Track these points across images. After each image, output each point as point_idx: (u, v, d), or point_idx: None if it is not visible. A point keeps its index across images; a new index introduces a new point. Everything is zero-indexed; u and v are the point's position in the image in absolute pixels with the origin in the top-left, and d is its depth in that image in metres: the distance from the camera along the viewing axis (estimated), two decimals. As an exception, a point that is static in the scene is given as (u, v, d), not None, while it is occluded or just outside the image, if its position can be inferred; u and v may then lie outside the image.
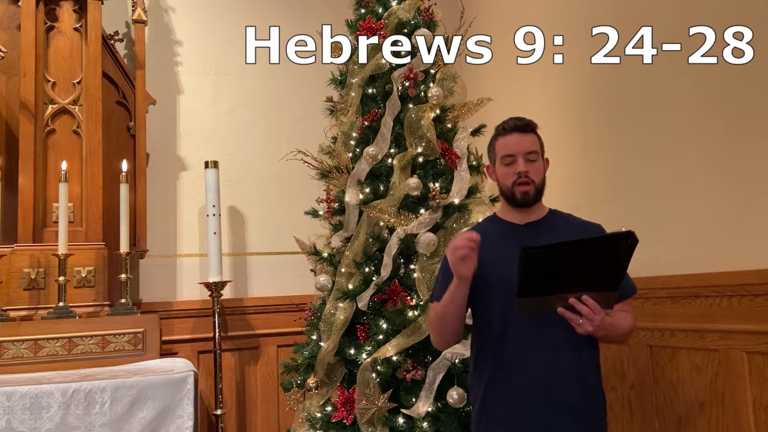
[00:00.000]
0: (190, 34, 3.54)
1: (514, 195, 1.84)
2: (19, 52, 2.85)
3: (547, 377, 1.71)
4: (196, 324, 3.28)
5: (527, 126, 1.86)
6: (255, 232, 3.57)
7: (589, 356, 1.79)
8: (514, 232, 1.87)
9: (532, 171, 1.83)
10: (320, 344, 2.54)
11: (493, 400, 1.79)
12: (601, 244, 1.56)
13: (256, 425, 3.36)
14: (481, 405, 1.83)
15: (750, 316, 2.04)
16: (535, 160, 1.84)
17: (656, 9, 2.47)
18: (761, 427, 2.02)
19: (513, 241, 1.83)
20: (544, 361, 1.72)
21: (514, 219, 1.90)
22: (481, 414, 1.82)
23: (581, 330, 1.64)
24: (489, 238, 1.88)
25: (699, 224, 2.28)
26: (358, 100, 2.67)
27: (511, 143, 1.84)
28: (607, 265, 1.57)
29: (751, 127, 2.11)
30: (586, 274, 1.57)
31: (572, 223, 1.92)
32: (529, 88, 3.24)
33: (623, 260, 1.57)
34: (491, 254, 1.79)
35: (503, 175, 1.87)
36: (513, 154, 1.83)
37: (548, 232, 1.84)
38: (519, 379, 1.73)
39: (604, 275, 1.58)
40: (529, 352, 1.73)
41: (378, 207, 2.50)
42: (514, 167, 1.83)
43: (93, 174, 2.88)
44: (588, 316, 1.62)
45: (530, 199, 1.84)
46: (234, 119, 3.59)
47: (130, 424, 2.29)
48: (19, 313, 2.65)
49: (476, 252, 1.68)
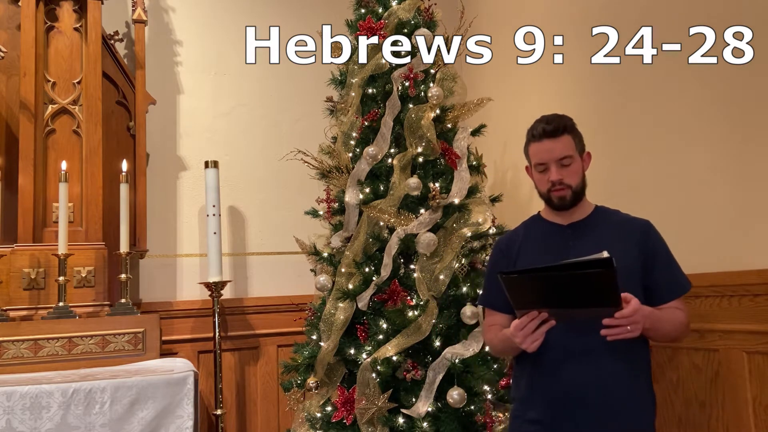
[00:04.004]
0: (190, 34, 3.54)
1: (551, 200, 1.84)
2: (19, 52, 2.85)
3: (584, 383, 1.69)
4: (196, 324, 3.28)
5: (557, 130, 1.81)
6: (255, 232, 3.57)
7: (632, 359, 1.74)
8: (557, 233, 1.86)
9: (566, 176, 1.80)
10: (320, 344, 2.54)
11: (531, 400, 1.80)
12: (575, 272, 1.50)
13: (256, 425, 3.36)
14: (520, 401, 1.85)
15: (750, 316, 2.04)
16: (569, 164, 1.80)
17: (656, 9, 2.47)
18: (761, 427, 2.02)
19: (556, 243, 1.83)
20: (582, 367, 1.70)
21: (557, 219, 1.88)
22: (520, 410, 1.85)
23: (633, 335, 1.60)
24: (532, 240, 1.89)
25: (699, 224, 2.28)
26: (358, 100, 2.67)
27: (542, 151, 1.81)
28: (590, 289, 1.52)
29: (751, 127, 2.11)
30: (572, 294, 1.54)
31: (617, 221, 1.87)
32: (529, 88, 3.24)
33: (608, 284, 1.51)
34: (534, 256, 1.80)
35: (539, 181, 1.86)
36: (545, 162, 1.81)
37: (591, 232, 1.82)
38: (555, 383, 1.73)
39: (592, 296, 1.54)
40: (566, 356, 1.71)
41: (378, 207, 2.50)
42: (547, 175, 1.81)
43: (93, 174, 2.88)
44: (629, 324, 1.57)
45: (567, 203, 1.83)
46: (234, 119, 3.59)
47: (130, 424, 2.29)
48: (19, 313, 2.65)
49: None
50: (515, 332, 1.65)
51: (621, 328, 1.57)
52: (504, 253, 1.94)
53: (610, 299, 1.54)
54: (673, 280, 1.80)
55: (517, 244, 1.92)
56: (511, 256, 1.90)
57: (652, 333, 1.70)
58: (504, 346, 1.84)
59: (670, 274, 1.80)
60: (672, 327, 1.74)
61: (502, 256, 1.93)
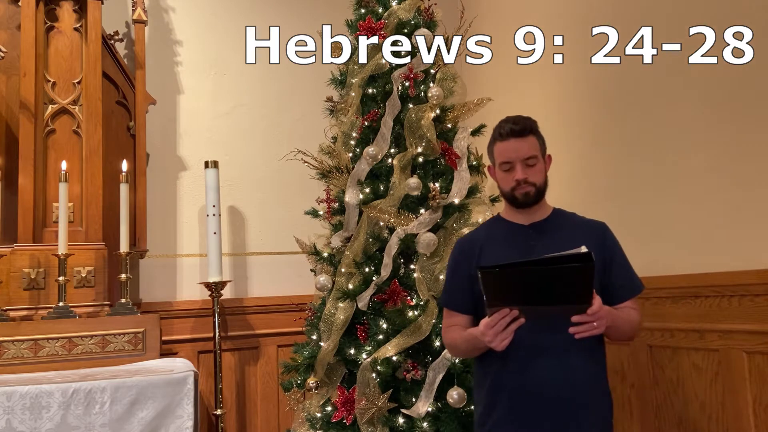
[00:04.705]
0: (190, 34, 3.54)
1: (515, 197, 1.84)
2: (19, 52, 2.85)
3: (554, 380, 1.70)
4: (196, 324, 3.28)
5: (524, 130, 1.82)
6: (255, 232, 3.57)
7: (597, 357, 1.79)
8: (520, 232, 1.87)
9: (531, 175, 1.82)
10: (320, 344, 2.54)
11: (498, 403, 1.78)
12: (556, 265, 1.51)
13: (256, 425, 3.36)
14: (485, 405, 1.82)
15: (750, 316, 2.04)
16: (534, 164, 1.82)
17: (656, 9, 2.47)
18: (761, 427, 2.02)
19: (519, 242, 1.84)
20: (551, 364, 1.71)
21: (519, 219, 1.89)
22: (485, 416, 1.82)
23: (598, 332, 1.63)
24: (495, 239, 1.88)
25: (699, 224, 2.28)
26: (358, 100, 2.67)
27: (509, 150, 1.82)
28: (568, 284, 1.53)
29: (751, 127, 2.11)
30: (549, 290, 1.55)
31: (576, 222, 1.91)
32: (529, 88, 3.24)
33: (584, 280, 1.52)
34: (497, 255, 1.79)
35: (503, 180, 1.86)
36: (511, 161, 1.82)
37: (553, 232, 1.84)
38: (524, 380, 1.73)
39: (567, 292, 1.55)
40: (536, 353, 1.72)
41: (378, 207, 2.50)
42: (512, 174, 1.82)
43: (93, 174, 2.88)
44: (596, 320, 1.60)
45: (531, 200, 1.84)
46: (234, 119, 3.59)
47: (130, 424, 2.29)
48: (19, 313, 2.65)
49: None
50: (485, 330, 1.63)
51: (588, 324, 1.60)
52: (466, 253, 1.91)
53: (584, 295, 1.55)
54: (629, 280, 1.85)
55: (479, 244, 1.90)
56: (473, 256, 1.88)
57: (610, 331, 1.72)
58: (468, 347, 1.82)
59: (626, 274, 1.85)
60: (629, 326, 1.80)
61: (465, 257, 1.91)
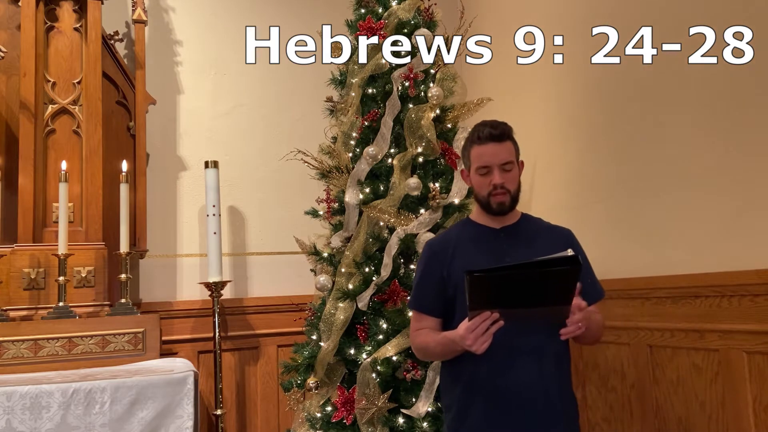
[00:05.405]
0: (190, 34, 3.54)
1: (490, 204, 1.84)
2: (19, 52, 2.85)
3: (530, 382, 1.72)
4: (196, 324, 3.28)
5: (503, 134, 1.83)
6: (255, 232, 3.57)
7: (565, 360, 1.83)
8: (491, 236, 1.87)
9: (507, 181, 1.82)
10: (320, 344, 2.54)
11: (472, 405, 1.77)
12: (545, 269, 1.51)
13: (256, 425, 3.37)
14: (458, 410, 1.81)
15: (750, 316, 2.04)
16: (510, 170, 1.83)
17: (656, 9, 2.47)
18: (761, 427, 2.02)
19: (491, 246, 1.85)
20: (526, 366, 1.72)
21: (490, 223, 1.90)
22: (458, 421, 1.81)
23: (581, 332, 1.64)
24: (467, 242, 1.89)
25: (699, 224, 2.28)
26: (358, 100, 2.67)
27: (487, 154, 1.82)
28: (555, 286, 1.54)
29: (751, 127, 2.11)
30: (535, 293, 1.55)
31: (544, 228, 1.94)
32: (529, 87, 3.24)
33: (570, 282, 1.54)
34: (470, 258, 1.79)
35: (478, 185, 1.86)
36: (488, 166, 1.81)
37: (523, 236, 1.86)
38: (502, 382, 1.73)
39: (551, 294, 1.56)
40: (514, 355, 1.72)
41: (378, 207, 2.50)
42: (489, 178, 1.82)
43: (93, 174, 2.88)
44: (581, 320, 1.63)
45: (506, 209, 1.85)
46: (234, 119, 3.59)
47: (130, 424, 2.29)
48: (19, 313, 2.65)
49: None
50: (466, 334, 1.61)
51: (574, 325, 1.61)
52: (438, 255, 1.90)
53: (567, 297, 1.57)
54: (592, 287, 1.88)
55: (451, 247, 1.89)
56: (445, 258, 1.88)
57: (586, 333, 1.72)
58: (443, 350, 1.79)
59: (591, 280, 1.89)
60: (597, 329, 1.85)
61: (436, 259, 1.90)
